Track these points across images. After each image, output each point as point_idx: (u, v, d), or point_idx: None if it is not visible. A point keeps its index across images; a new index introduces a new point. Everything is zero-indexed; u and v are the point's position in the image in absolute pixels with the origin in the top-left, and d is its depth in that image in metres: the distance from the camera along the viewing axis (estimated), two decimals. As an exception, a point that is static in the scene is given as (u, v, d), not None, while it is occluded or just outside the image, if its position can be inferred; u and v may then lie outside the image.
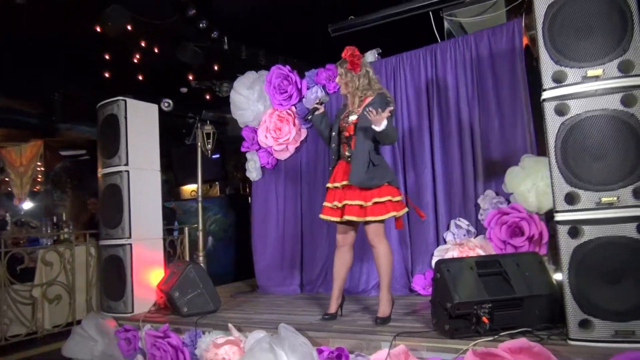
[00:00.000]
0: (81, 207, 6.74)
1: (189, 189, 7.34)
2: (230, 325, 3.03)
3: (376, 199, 2.85)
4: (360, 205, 2.90)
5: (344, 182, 2.96)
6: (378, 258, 2.96)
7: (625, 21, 2.19)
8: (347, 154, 3.01)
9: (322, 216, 3.07)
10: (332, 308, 3.11)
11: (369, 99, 2.95)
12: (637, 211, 2.12)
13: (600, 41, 2.22)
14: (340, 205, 2.97)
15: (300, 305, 3.72)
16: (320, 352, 2.66)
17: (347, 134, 3.02)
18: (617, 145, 2.17)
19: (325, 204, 3.05)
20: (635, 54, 2.17)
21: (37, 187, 7.53)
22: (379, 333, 2.63)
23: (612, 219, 2.15)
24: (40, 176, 7.28)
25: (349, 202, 2.91)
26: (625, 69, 2.18)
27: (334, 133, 3.08)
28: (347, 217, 2.91)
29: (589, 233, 2.19)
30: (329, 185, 3.06)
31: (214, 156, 5.90)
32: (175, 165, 7.47)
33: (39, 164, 6.70)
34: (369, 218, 2.87)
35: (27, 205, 6.93)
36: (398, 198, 2.95)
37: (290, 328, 2.77)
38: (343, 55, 3.05)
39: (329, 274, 4.28)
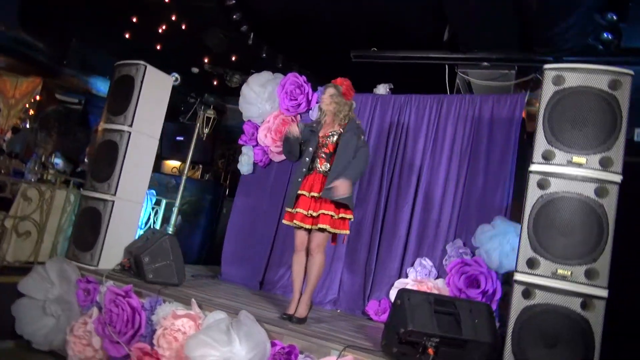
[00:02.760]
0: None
1: (170, 164, 7.42)
2: (193, 300, 3.17)
3: (342, 215, 3.19)
4: (332, 216, 3.17)
5: (316, 194, 3.20)
6: (313, 265, 3.25)
7: (615, 123, 2.51)
8: (322, 168, 3.28)
9: (297, 222, 3.24)
10: (291, 309, 3.29)
11: (346, 125, 3.30)
12: (585, 289, 2.41)
13: (590, 134, 2.53)
14: (315, 214, 3.19)
15: (259, 300, 3.87)
16: (273, 345, 2.83)
17: (327, 150, 3.30)
18: (582, 228, 2.46)
19: (299, 210, 3.22)
20: (616, 153, 2.49)
21: (17, 122, 7.47)
22: (331, 340, 2.82)
23: (563, 290, 2.43)
24: (22, 114, 7.22)
25: (325, 212, 3.15)
26: (605, 164, 2.49)
27: (310, 148, 3.30)
28: (321, 225, 3.16)
29: (540, 297, 2.46)
30: (305, 193, 3.24)
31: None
32: (164, 138, 7.56)
33: (31, 100, 6.68)
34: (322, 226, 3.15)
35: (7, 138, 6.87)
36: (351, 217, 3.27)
37: (250, 316, 2.93)
38: (339, 82, 3.38)
39: (290, 279, 4.44)
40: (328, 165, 3.27)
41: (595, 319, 2.36)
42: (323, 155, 3.30)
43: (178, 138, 7.04)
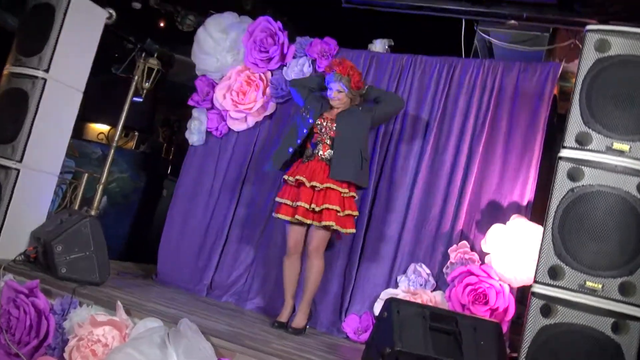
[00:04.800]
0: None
1: (97, 129, 7.31)
2: (119, 303, 3.16)
3: (348, 212, 3.53)
4: (337, 211, 3.48)
5: (327, 185, 3.52)
6: (312, 272, 3.67)
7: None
8: (326, 155, 3.65)
9: (299, 217, 3.52)
10: (284, 316, 3.71)
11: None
12: (619, 307, 2.49)
13: (637, 115, 2.60)
14: (318, 209, 3.48)
15: (205, 309, 3.89)
16: (221, 363, 2.85)
17: (332, 133, 3.67)
18: (618, 231, 2.53)
19: (301, 203, 3.51)
20: (669, 141, 2.56)
21: None
22: (295, 363, 2.86)
23: (591, 307, 2.51)
24: None
25: (329, 206, 3.44)
26: (652, 154, 2.57)
27: (315, 134, 3.68)
28: (325, 222, 3.47)
29: (562, 315, 2.54)
30: (304, 180, 3.52)
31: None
32: (89, 93, 7.43)
33: None
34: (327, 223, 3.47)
35: None
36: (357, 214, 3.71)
37: (193, 326, 2.95)
38: (342, 70, 3.67)
39: (247, 284, 4.48)
40: (332, 153, 3.65)
41: (629, 343, 2.45)
42: (328, 140, 3.66)
43: (108, 95, 6.92)
